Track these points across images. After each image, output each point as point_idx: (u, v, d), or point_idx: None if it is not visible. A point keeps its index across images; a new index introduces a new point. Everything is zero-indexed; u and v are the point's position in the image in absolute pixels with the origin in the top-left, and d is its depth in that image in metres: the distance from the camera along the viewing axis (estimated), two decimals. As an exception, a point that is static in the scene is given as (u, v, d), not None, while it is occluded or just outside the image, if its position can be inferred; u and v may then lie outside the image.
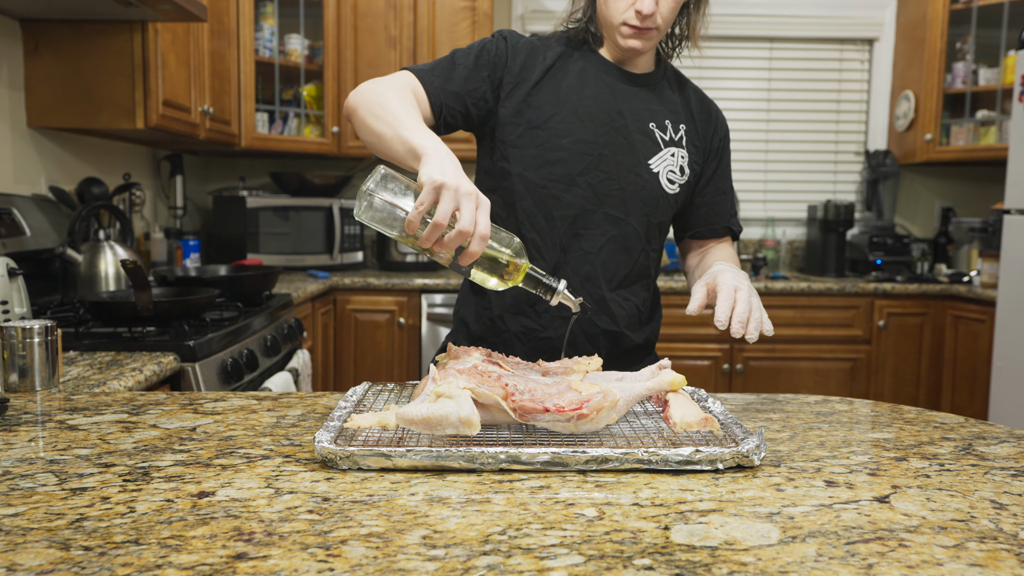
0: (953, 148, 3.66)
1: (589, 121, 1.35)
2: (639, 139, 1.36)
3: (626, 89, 1.38)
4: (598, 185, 1.35)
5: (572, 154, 1.34)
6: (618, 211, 1.36)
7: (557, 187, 1.34)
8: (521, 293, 1.37)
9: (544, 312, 1.37)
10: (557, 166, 1.34)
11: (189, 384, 1.70)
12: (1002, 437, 1.02)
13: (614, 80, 1.38)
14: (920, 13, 3.72)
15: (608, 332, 1.40)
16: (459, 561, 0.63)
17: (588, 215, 1.35)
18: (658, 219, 1.40)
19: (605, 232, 1.36)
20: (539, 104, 1.35)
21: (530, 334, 1.38)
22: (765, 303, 3.62)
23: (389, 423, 0.95)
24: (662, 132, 1.38)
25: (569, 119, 1.34)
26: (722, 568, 0.63)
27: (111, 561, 0.63)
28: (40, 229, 2.19)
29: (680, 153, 1.40)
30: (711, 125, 1.45)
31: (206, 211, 3.78)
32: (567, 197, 1.35)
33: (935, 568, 0.63)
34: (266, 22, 3.38)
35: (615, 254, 1.38)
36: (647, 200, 1.37)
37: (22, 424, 1.03)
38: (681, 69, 1.52)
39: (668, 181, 1.39)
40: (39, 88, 2.32)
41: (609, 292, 1.38)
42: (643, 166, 1.36)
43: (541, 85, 1.36)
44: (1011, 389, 2.90)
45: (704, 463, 0.85)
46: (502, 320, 1.40)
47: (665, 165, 1.38)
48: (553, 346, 1.37)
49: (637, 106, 1.38)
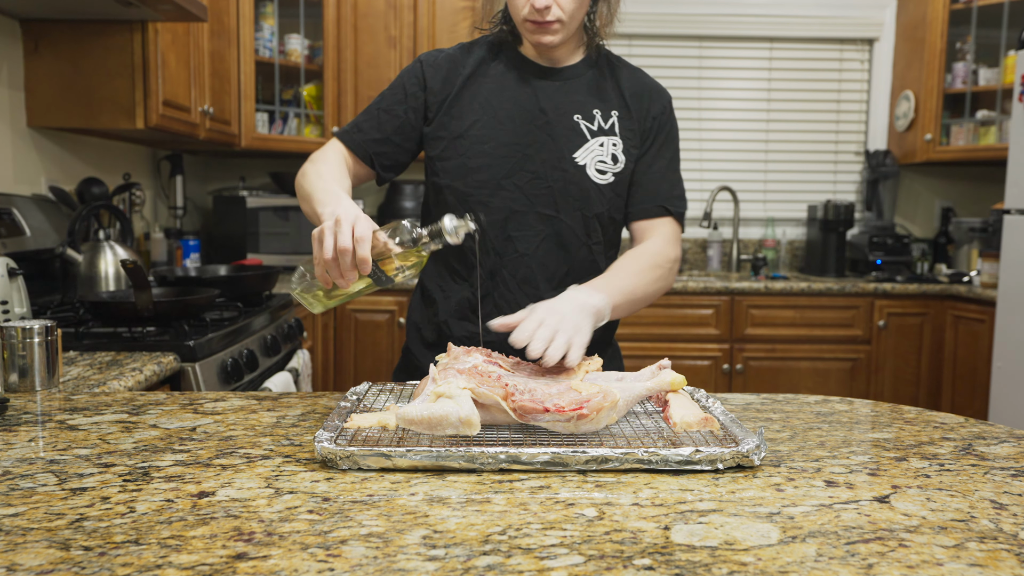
0: (953, 148, 3.66)
1: (510, 123, 1.35)
2: (563, 133, 1.36)
3: (547, 85, 1.38)
4: (526, 186, 1.35)
5: (494, 158, 1.35)
6: (549, 209, 1.36)
7: (483, 193, 1.35)
8: (464, 300, 1.39)
9: (486, 317, 1.36)
10: (481, 172, 1.35)
11: (189, 384, 1.70)
12: (1002, 437, 1.02)
13: (534, 77, 1.38)
14: (920, 13, 3.72)
15: None
16: (459, 561, 0.63)
17: (519, 216, 1.35)
18: (593, 211, 1.38)
19: (539, 232, 1.36)
20: (460, 114, 1.37)
21: (473, 339, 1.39)
22: (765, 303, 3.62)
23: (389, 423, 0.95)
24: (588, 123, 1.37)
25: (489, 124, 1.35)
26: (722, 568, 0.63)
27: (111, 561, 0.63)
28: (40, 229, 2.19)
29: (611, 141, 1.38)
30: (644, 105, 1.41)
31: (206, 211, 3.78)
32: (494, 201, 1.35)
33: (935, 568, 0.63)
34: (266, 22, 3.38)
35: (552, 253, 1.37)
36: (577, 194, 1.36)
37: (22, 424, 1.03)
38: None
39: (597, 172, 1.37)
40: (39, 88, 2.32)
41: (550, 292, 1.36)
42: (568, 160, 1.36)
43: (460, 95, 1.37)
44: (1011, 389, 2.90)
45: (704, 463, 0.85)
46: (447, 326, 1.41)
47: (592, 156, 1.37)
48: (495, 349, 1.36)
49: (560, 100, 1.37)
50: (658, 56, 3.97)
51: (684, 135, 4.01)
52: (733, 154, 4.04)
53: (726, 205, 4.02)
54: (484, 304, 1.38)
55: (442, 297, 1.41)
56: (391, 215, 3.58)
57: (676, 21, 3.91)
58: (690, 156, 4.03)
